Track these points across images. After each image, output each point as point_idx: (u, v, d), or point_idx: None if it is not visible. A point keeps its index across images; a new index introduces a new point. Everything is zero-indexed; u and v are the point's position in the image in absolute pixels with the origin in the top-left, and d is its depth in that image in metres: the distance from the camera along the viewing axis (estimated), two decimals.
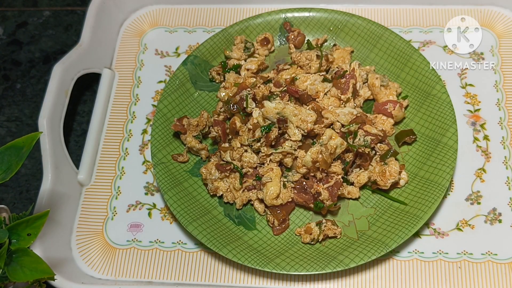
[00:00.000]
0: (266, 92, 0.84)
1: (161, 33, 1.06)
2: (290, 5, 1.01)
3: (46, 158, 0.85)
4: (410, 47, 0.90)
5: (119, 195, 0.89)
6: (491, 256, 0.79)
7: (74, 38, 1.13)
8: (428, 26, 1.00)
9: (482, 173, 0.86)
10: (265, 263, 0.75)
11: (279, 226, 0.80)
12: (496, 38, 0.98)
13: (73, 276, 0.80)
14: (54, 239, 0.83)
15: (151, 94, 0.99)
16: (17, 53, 1.11)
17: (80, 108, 1.04)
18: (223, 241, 0.77)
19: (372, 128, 0.82)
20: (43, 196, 0.83)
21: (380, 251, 0.74)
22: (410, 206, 0.79)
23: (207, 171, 0.83)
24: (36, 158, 0.98)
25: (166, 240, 0.84)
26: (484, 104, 0.91)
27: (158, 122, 0.88)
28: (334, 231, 0.78)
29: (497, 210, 0.82)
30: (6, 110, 1.04)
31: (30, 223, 0.64)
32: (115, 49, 1.05)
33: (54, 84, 0.91)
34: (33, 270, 0.61)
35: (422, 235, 0.81)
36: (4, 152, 0.66)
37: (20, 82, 1.08)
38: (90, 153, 0.92)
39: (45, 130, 0.87)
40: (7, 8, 1.17)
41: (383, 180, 0.79)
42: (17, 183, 0.96)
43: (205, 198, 0.84)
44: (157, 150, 0.86)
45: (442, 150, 0.81)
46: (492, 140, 0.88)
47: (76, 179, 0.89)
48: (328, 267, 0.74)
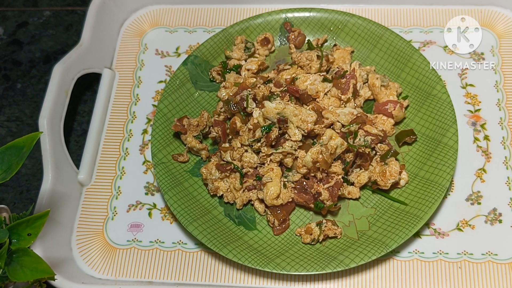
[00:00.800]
0: (267, 92, 0.84)
1: (162, 33, 1.06)
2: (291, 5, 1.01)
3: (46, 158, 0.85)
4: (410, 47, 0.90)
5: (119, 195, 0.89)
6: (492, 256, 0.79)
7: (75, 38, 1.13)
8: (429, 26, 1.00)
9: (482, 173, 0.86)
10: (265, 263, 0.75)
11: (280, 226, 0.80)
12: (497, 38, 0.98)
13: (73, 276, 0.80)
14: (54, 239, 0.83)
15: (151, 94, 0.99)
16: (18, 53, 1.11)
17: (80, 108, 1.04)
18: (223, 241, 0.77)
19: (372, 128, 0.82)
20: (43, 196, 0.83)
21: (380, 251, 0.74)
22: (411, 206, 0.79)
23: (207, 171, 0.83)
24: (36, 158, 0.98)
25: (167, 240, 0.84)
26: (485, 104, 0.91)
27: (159, 122, 0.88)
28: (335, 231, 0.78)
29: (497, 210, 0.82)
30: (7, 110, 1.04)
31: (30, 223, 0.64)
32: (116, 49, 1.05)
33: (55, 84, 0.91)
34: (33, 270, 0.61)
35: (422, 235, 0.81)
36: (4, 152, 0.66)
37: (20, 82, 1.08)
38: (90, 153, 0.92)
39: (46, 130, 0.87)
40: (7, 8, 1.17)
41: (384, 180, 0.79)
42: (17, 183, 0.96)
43: (206, 198, 0.84)
44: (158, 150, 0.86)
45: (443, 150, 0.81)
46: (493, 140, 0.88)
47: (77, 179, 0.90)
48: (328, 267, 0.74)
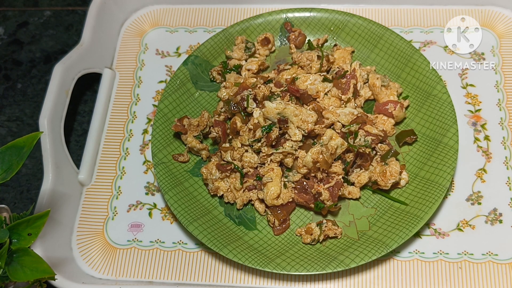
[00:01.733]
0: (267, 92, 0.84)
1: (162, 33, 1.06)
2: (291, 5, 1.01)
3: (46, 158, 0.85)
4: (410, 47, 0.90)
5: (119, 195, 0.89)
6: (492, 257, 0.79)
7: (75, 38, 1.13)
8: (429, 26, 1.00)
9: (482, 173, 0.86)
10: (265, 263, 0.75)
11: (280, 226, 0.80)
12: (497, 38, 0.98)
13: (73, 276, 0.80)
14: (54, 239, 0.83)
15: (151, 94, 0.99)
16: (18, 53, 1.11)
17: (80, 108, 1.04)
18: (223, 241, 0.77)
19: (372, 128, 0.82)
20: (43, 196, 0.83)
21: (380, 251, 0.74)
22: (411, 206, 0.79)
23: (207, 171, 0.83)
24: (36, 158, 0.98)
25: (167, 240, 0.84)
26: (485, 105, 0.91)
27: (159, 122, 0.88)
28: (335, 231, 0.78)
29: (497, 210, 0.82)
30: (7, 110, 1.04)
31: (30, 223, 0.64)
32: (116, 49, 1.05)
33: (55, 84, 0.91)
34: (33, 269, 0.61)
35: (422, 235, 0.81)
36: (5, 152, 0.66)
37: (21, 82, 1.08)
38: (90, 153, 0.92)
39: (46, 130, 0.87)
40: (8, 8, 1.17)
41: (384, 180, 0.79)
42: (17, 182, 0.96)
43: (206, 198, 0.84)
44: (158, 150, 0.86)
45: (443, 151, 0.81)
46: (493, 141, 0.88)
47: (77, 179, 0.90)
48: (328, 267, 0.74)
